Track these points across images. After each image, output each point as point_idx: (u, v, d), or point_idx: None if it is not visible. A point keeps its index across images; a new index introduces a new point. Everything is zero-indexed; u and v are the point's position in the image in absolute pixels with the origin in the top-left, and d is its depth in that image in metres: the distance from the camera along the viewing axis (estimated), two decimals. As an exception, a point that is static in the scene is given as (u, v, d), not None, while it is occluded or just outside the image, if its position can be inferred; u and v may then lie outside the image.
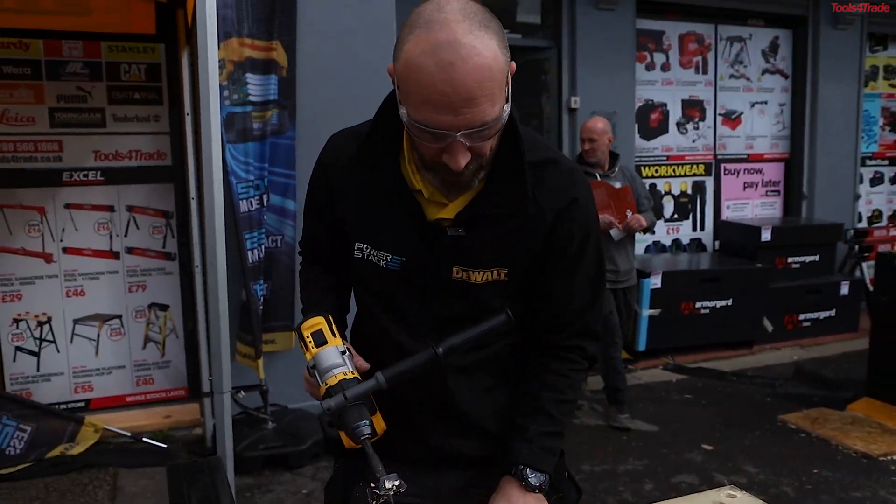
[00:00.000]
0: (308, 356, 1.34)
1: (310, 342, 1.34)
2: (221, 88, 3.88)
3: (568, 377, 1.50)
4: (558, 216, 1.39)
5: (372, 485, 1.18)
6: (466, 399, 1.47)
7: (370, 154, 1.41)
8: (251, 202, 4.22)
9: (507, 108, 1.23)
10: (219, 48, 3.88)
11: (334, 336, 1.34)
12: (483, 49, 1.13)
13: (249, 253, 4.22)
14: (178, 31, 4.28)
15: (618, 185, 4.70)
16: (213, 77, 2.45)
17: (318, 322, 1.36)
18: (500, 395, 1.53)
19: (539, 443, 1.44)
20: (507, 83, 1.22)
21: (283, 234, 4.48)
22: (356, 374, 1.31)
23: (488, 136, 1.22)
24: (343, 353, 1.32)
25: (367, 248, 1.45)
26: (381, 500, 1.17)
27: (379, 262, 1.44)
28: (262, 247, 4.35)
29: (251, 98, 4.17)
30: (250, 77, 4.16)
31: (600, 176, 4.69)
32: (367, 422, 1.25)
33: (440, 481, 1.53)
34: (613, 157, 4.81)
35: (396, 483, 1.16)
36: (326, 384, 1.28)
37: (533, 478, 1.41)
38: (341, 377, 1.28)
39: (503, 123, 1.25)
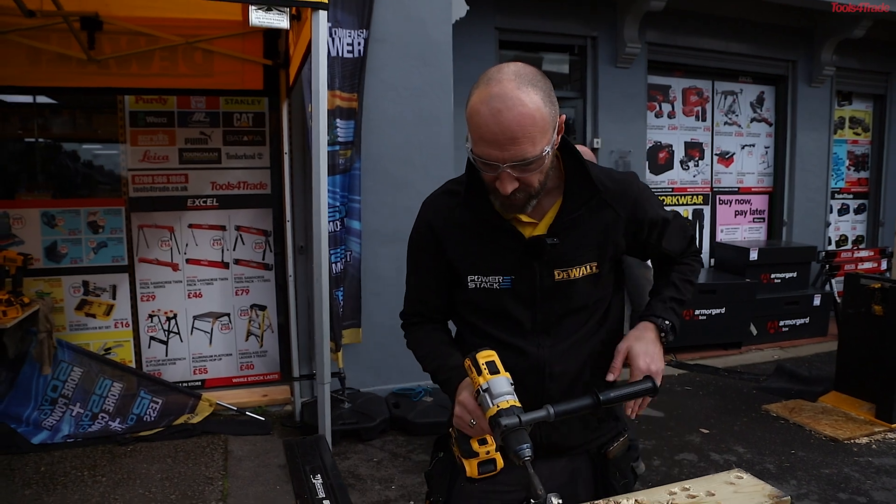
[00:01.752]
0: (482, 380, 1.25)
1: (484, 369, 1.26)
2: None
3: (690, 265, 1.64)
4: (631, 211, 1.49)
5: (532, 501, 1.15)
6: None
7: (470, 196, 1.44)
8: (336, 224, 4.37)
9: (549, 152, 1.28)
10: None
11: (504, 370, 1.27)
12: (528, 101, 1.22)
13: (333, 265, 4.38)
14: (280, 87, 4.46)
15: None
16: (323, 124, 2.56)
17: (492, 355, 1.29)
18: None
19: (670, 304, 1.54)
20: (553, 129, 1.29)
21: (352, 250, 4.58)
22: (520, 405, 1.24)
23: (531, 170, 1.29)
24: (511, 384, 1.25)
25: (478, 278, 1.46)
26: None
27: (492, 286, 1.45)
28: (342, 261, 4.49)
29: (339, 139, 4.30)
30: (339, 122, 4.29)
31: None
32: (530, 445, 1.18)
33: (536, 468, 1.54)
34: None
35: (560, 501, 1.12)
36: (499, 406, 1.22)
37: (670, 331, 1.50)
38: (513, 403, 1.22)
39: (546, 161, 1.31)
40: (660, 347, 1.48)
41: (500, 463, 1.32)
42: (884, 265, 6.54)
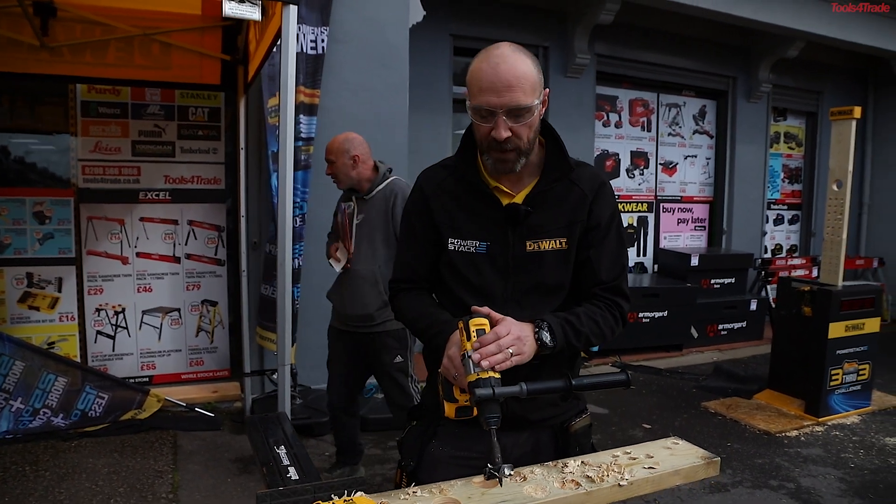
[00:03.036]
0: (469, 346, 1.37)
1: (474, 336, 1.37)
2: (276, 127, 4.10)
3: (603, 311, 1.56)
4: (595, 195, 1.58)
5: (489, 466, 1.28)
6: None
7: (461, 162, 1.61)
8: (296, 220, 4.33)
9: (538, 106, 1.47)
10: (275, 96, 4.14)
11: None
12: (521, 61, 1.44)
13: (294, 260, 4.35)
14: (238, 83, 4.47)
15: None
16: (289, 118, 2.62)
17: (483, 323, 1.40)
18: (565, 368, 1.60)
19: (563, 322, 1.49)
20: (540, 93, 1.48)
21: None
22: (500, 376, 1.35)
23: (523, 120, 1.45)
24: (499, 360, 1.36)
25: (458, 241, 1.59)
26: (493, 478, 1.27)
27: (469, 250, 1.57)
28: (301, 257, 4.46)
29: (302, 135, 4.31)
30: (302, 118, 4.31)
31: (356, 199, 3.30)
32: (498, 416, 1.31)
33: (499, 441, 1.59)
34: (382, 177, 3.32)
35: (512, 472, 1.28)
36: (478, 375, 1.33)
37: (546, 336, 1.45)
38: (492, 374, 1.34)
39: (535, 117, 1.48)
40: (530, 338, 1.44)
41: (476, 412, 1.39)
42: (815, 272, 6.92)
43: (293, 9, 2.48)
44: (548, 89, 1.53)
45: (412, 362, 3.33)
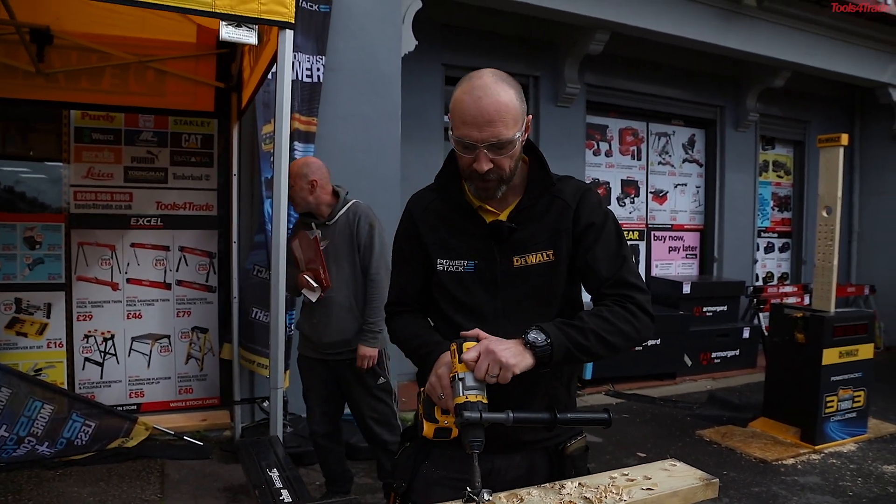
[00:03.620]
0: (460, 369, 1.37)
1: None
2: (271, 154, 4.12)
3: (608, 306, 1.51)
4: (579, 202, 1.58)
5: (469, 490, 1.29)
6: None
7: (445, 183, 1.64)
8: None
9: (519, 138, 1.48)
10: (270, 123, 4.18)
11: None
12: (503, 93, 1.45)
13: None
14: (231, 110, 4.50)
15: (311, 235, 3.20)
16: (285, 143, 2.62)
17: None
18: (561, 393, 1.63)
19: (559, 322, 1.45)
20: (522, 123, 1.49)
21: None
22: (487, 402, 1.35)
23: (504, 153, 1.47)
24: (483, 380, 1.36)
25: (446, 262, 1.61)
26: (471, 502, 1.27)
27: (458, 269, 1.59)
28: None
29: None
30: (297, 145, 4.32)
31: (316, 226, 3.22)
32: (482, 441, 1.32)
33: (492, 462, 1.57)
34: (343, 202, 3.26)
35: (490, 498, 1.28)
36: (467, 398, 1.34)
37: (535, 333, 1.40)
38: (480, 398, 1.34)
39: (517, 149, 1.50)
40: (515, 347, 1.39)
41: (455, 433, 1.41)
42: (807, 300, 6.96)
43: (289, 33, 2.52)
44: (530, 115, 1.56)
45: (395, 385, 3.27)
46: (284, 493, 1.65)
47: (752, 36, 6.75)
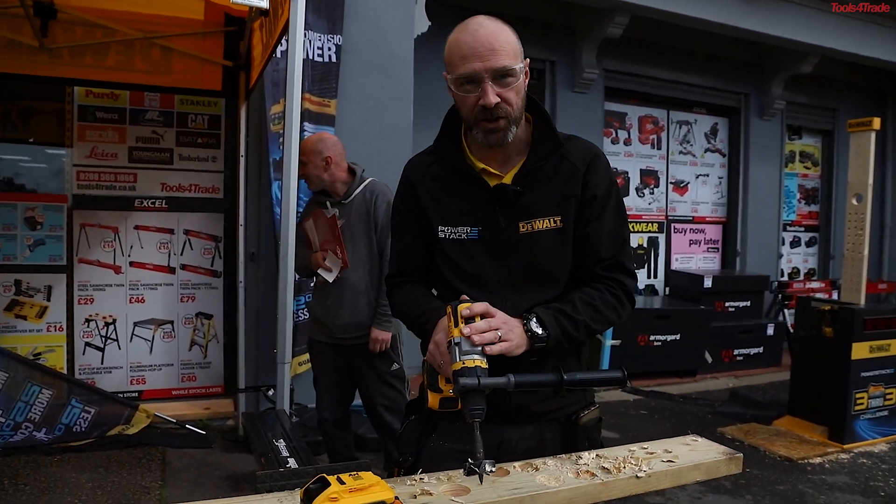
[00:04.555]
0: (456, 333, 1.34)
1: (461, 322, 1.35)
2: (279, 134, 4.12)
3: (601, 293, 1.53)
4: (588, 166, 1.54)
5: (470, 461, 1.23)
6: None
7: (444, 146, 1.59)
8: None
9: (522, 70, 1.47)
10: (279, 103, 4.18)
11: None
12: (500, 28, 1.46)
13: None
14: (239, 89, 4.49)
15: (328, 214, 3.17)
16: (296, 114, 2.60)
17: (469, 305, 1.39)
18: (571, 362, 1.59)
19: (555, 312, 1.46)
20: (522, 60, 1.47)
21: None
22: (487, 366, 1.32)
23: (509, 84, 1.44)
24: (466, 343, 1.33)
25: (448, 228, 1.56)
26: (473, 473, 1.22)
27: (461, 237, 1.55)
28: None
29: None
30: (307, 125, 4.29)
31: (331, 204, 3.18)
32: (483, 408, 1.27)
33: (502, 432, 1.57)
34: (360, 180, 3.22)
35: (493, 469, 1.23)
36: (464, 363, 1.30)
37: (535, 325, 1.42)
38: (479, 363, 1.30)
39: (520, 83, 1.47)
40: (519, 328, 1.42)
41: (434, 403, 1.41)
42: (835, 297, 6.87)
43: (301, 0, 2.51)
44: (528, 59, 1.52)
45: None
46: (291, 461, 1.63)
47: (778, 19, 6.66)
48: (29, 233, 4.40)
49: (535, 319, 1.43)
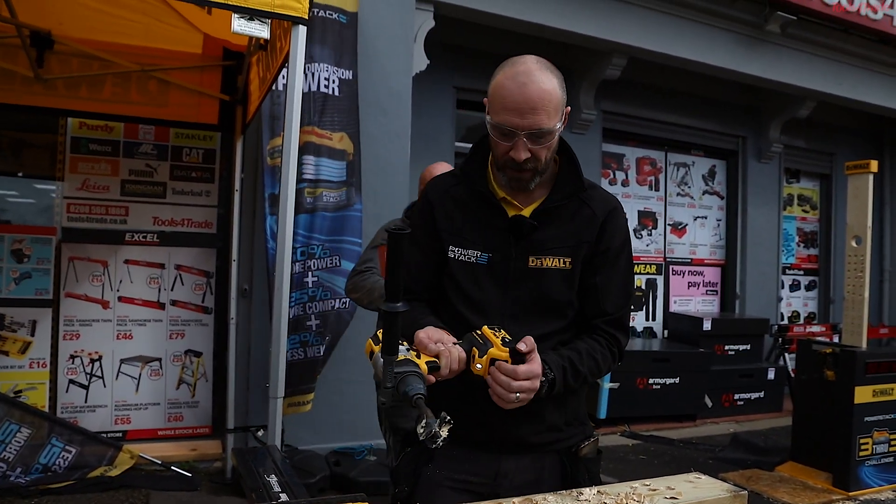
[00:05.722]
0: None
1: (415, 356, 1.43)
2: (278, 168, 4.13)
3: (603, 348, 1.59)
4: (607, 217, 1.60)
5: (423, 424, 1.27)
6: None
7: (470, 170, 1.64)
8: (295, 266, 4.24)
9: (559, 128, 1.50)
10: (278, 137, 4.22)
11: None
12: (547, 81, 1.47)
13: (290, 309, 4.23)
14: (235, 123, 4.54)
15: None
16: (294, 151, 2.61)
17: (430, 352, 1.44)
18: (571, 400, 1.63)
19: (569, 361, 1.51)
20: (562, 115, 1.51)
21: (335, 286, 4.39)
22: (407, 357, 1.38)
23: (542, 143, 1.49)
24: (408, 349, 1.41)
25: (459, 250, 1.60)
26: (430, 436, 1.26)
27: (470, 260, 1.59)
28: (302, 305, 4.30)
29: (304, 176, 4.26)
30: (309, 159, 4.28)
31: None
32: (420, 386, 1.33)
33: (499, 462, 1.59)
34: None
35: (446, 434, 1.26)
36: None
37: (549, 379, 1.45)
38: (402, 357, 1.38)
39: (554, 140, 1.52)
40: (528, 371, 1.43)
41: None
42: (836, 340, 6.86)
43: (302, 30, 2.56)
44: (569, 107, 1.57)
45: None
46: (283, 496, 1.61)
47: (776, 63, 6.83)
48: (15, 265, 4.38)
49: (550, 380, 1.47)
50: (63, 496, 3.85)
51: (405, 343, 1.42)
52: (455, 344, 1.46)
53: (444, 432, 1.27)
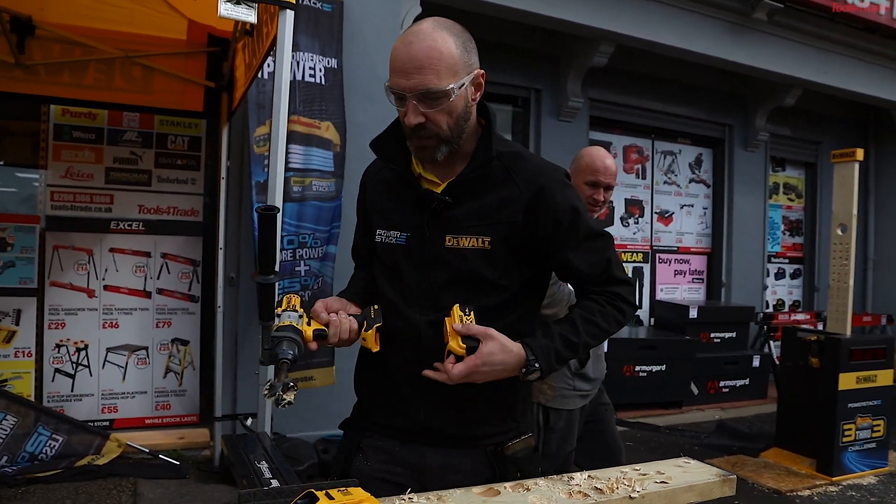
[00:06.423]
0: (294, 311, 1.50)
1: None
2: (264, 157, 4.12)
3: (601, 305, 1.51)
4: (535, 197, 1.46)
5: (266, 389, 1.33)
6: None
7: (383, 146, 1.55)
8: (284, 254, 4.25)
9: (458, 91, 1.38)
10: (265, 125, 4.19)
11: (294, 308, 1.50)
12: (438, 38, 1.37)
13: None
14: (221, 110, 4.50)
15: None
16: (282, 139, 2.61)
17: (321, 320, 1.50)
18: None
19: (554, 341, 1.44)
20: (465, 74, 1.40)
21: (324, 276, 4.49)
22: (291, 323, 1.45)
23: (436, 106, 1.38)
24: (288, 313, 1.47)
25: (383, 231, 1.56)
26: (275, 399, 1.31)
27: (391, 241, 1.54)
28: (293, 294, 4.33)
29: (291, 165, 4.23)
30: (294, 147, 4.25)
31: None
32: (289, 352, 1.39)
33: (423, 456, 1.53)
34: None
35: (290, 398, 1.32)
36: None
37: (531, 366, 1.41)
38: (286, 323, 1.46)
39: (455, 104, 1.40)
40: (503, 373, 1.42)
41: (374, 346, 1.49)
42: (820, 328, 6.95)
43: (289, 14, 2.54)
44: (482, 71, 1.46)
45: None
46: (274, 482, 1.61)
47: (762, 51, 6.86)
48: (-1, 254, 4.34)
49: (536, 365, 1.42)
50: (51, 485, 3.83)
51: (301, 309, 1.48)
52: (350, 315, 1.50)
53: (288, 397, 1.32)
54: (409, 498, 1.36)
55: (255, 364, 4.41)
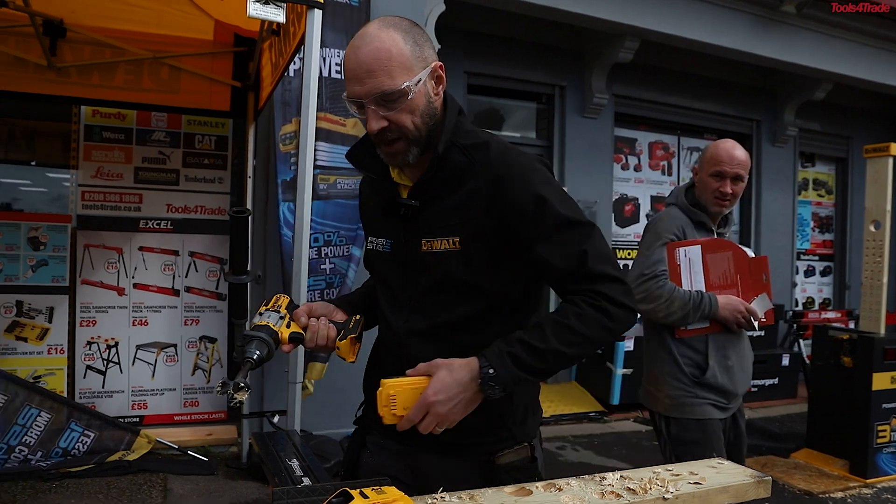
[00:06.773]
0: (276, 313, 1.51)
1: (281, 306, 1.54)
2: (290, 155, 4.15)
3: (578, 307, 1.34)
4: (495, 188, 1.37)
5: (219, 386, 1.35)
6: None
7: (360, 154, 1.52)
8: (311, 252, 4.15)
9: (415, 88, 1.32)
10: (291, 122, 4.21)
11: (278, 308, 1.51)
12: (385, 38, 1.31)
13: (308, 294, 4.27)
14: (248, 110, 4.55)
15: (750, 253, 2.70)
16: (310, 136, 2.61)
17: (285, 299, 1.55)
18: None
19: (513, 346, 1.31)
20: (421, 69, 1.33)
21: (348, 276, 4.46)
22: (268, 324, 1.46)
23: (396, 107, 1.32)
24: (270, 313, 1.49)
25: (373, 239, 1.54)
26: (226, 394, 1.32)
27: (378, 248, 1.52)
28: (319, 291, 4.31)
29: (318, 162, 4.21)
30: (322, 145, 4.25)
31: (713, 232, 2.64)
32: (256, 352, 1.40)
33: (417, 460, 1.51)
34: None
35: (242, 398, 1.33)
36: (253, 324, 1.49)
37: (489, 383, 1.30)
38: (263, 323, 1.46)
39: (414, 101, 1.33)
40: (464, 393, 1.31)
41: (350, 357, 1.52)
42: (852, 327, 6.82)
43: (317, 13, 2.55)
44: (439, 63, 1.40)
45: None
46: (305, 480, 1.63)
47: (791, 45, 6.74)
48: (32, 253, 4.41)
49: (490, 372, 1.30)
50: (83, 480, 3.91)
51: (286, 311, 1.50)
52: (332, 322, 1.52)
53: (240, 396, 1.33)
54: (442, 497, 1.35)
55: (282, 361, 4.45)
